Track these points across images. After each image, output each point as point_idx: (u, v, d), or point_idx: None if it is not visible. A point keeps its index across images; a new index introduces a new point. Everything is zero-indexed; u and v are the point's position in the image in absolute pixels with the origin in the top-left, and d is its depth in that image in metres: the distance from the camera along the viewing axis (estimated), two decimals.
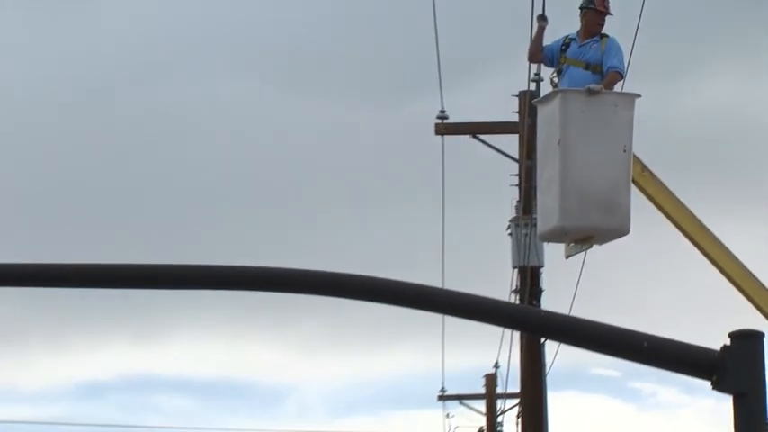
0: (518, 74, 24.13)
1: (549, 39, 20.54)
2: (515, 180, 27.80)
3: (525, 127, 25.49)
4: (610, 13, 19.96)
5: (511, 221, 27.15)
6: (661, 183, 20.76)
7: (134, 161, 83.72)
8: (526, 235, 25.68)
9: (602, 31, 19.87)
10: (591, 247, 20.64)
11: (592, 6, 19.75)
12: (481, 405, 38.28)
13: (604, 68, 19.63)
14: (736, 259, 21.12)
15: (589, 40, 19.87)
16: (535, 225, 23.54)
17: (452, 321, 24.49)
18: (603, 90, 19.42)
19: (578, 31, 20.08)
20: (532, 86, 23.01)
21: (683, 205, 20.78)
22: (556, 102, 19.84)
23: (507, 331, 26.88)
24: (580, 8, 19.92)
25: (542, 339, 24.91)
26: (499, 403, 36.23)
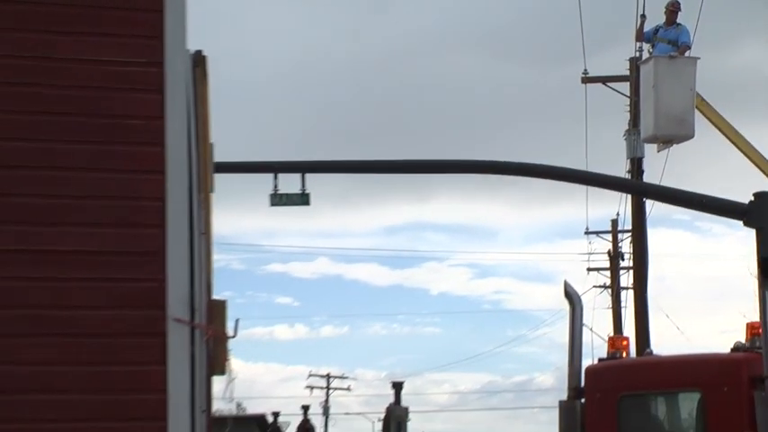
0: (630, 47, 31.40)
1: (647, 26, 28.09)
2: (628, 108, 32.93)
3: (634, 78, 31.45)
4: (680, 10, 27.29)
5: (626, 132, 31.93)
6: (712, 107, 28.03)
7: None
8: (634, 139, 30.67)
9: (677, 21, 27.33)
10: (672, 145, 28.16)
11: (671, 8, 27.24)
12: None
13: (679, 43, 27.05)
14: (759, 153, 27.46)
15: (671, 27, 27.26)
16: (639, 133, 29.73)
17: (593, 190, 30.72)
18: (679, 56, 27.01)
19: (664, 22, 27.51)
20: (638, 55, 30.10)
21: (724, 120, 28.00)
22: (651, 63, 27.33)
23: (625, 194, 33.44)
24: (665, 7, 27.49)
25: (644, 199, 30.77)
26: (619, 237, 44.40)
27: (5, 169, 8.25)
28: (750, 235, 21.22)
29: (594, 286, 45.55)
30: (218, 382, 10.83)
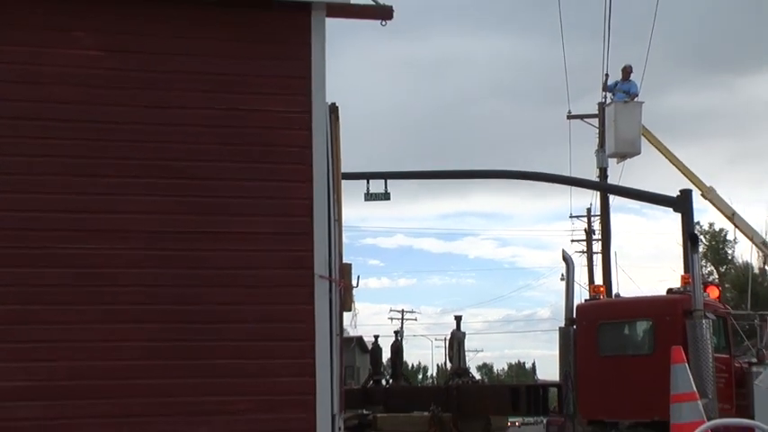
0: (598, 95, 29.75)
1: (609, 82, 26.89)
2: (597, 135, 30.65)
3: (601, 116, 29.56)
4: (632, 71, 26.33)
5: (595, 151, 29.89)
6: (652, 134, 26.59)
7: None
8: (601, 156, 28.81)
9: (630, 78, 26.28)
10: (626, 159, 26.97)
11: (626, 70, 26.24)
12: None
13: (630, 93, 26.15)
14: (683, 163, 25.81)
15: (625, 82, 26.31)
16: (604, 152, 28.25)
17: (575, 189, 31.49)
18: (630, 101, 26.01)
19: (621, 79, 26.32)
20: (603, 100, 28.88)
21: (660, 142, 26.46)
22: (612, 106, 26.57)
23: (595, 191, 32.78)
24: (622, 69, 26.38)
25: (608, 194, 29.40)
26: (592, 219, 42.81)
27: (222, 181, 8.20)
28: (677, 217, 21.82)
29: (575, 252, 45.46)
30: (346, 316, 10.74)
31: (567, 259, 18.26)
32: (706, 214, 56.78)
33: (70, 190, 7.88)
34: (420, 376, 74.33)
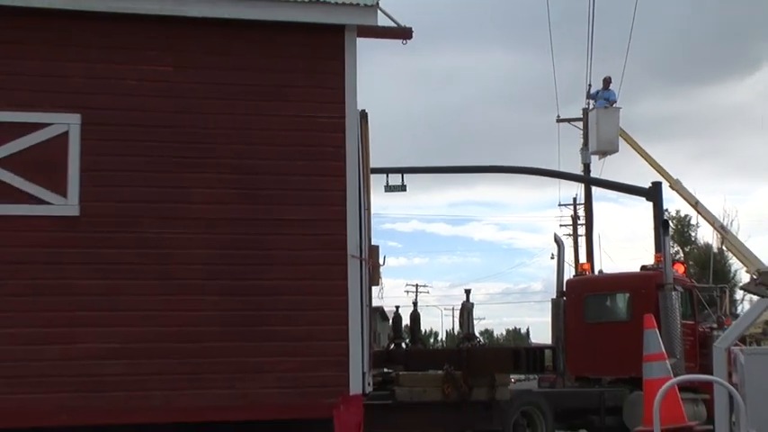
0: (582, 102, 29.32)
1: (592, 91, 26.69)
2: (582, 136, 30.28)
3: (585, 119, 29.30)
4: (611, 81, 25.96)
5: (580, 149, 29.68)
6: (628, 134, 25.89)
7: None
8: (585, 153, 28.75)
9: (610, 87, 25.97)
10: (606, 156, 26.69)
11: (606, 80, 25.91)
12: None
13: (610, 100, 25.78)
14: (654, 159, 24.89)
15: (605, 91, 25.95)
16: (588, 149, 28.02)
17: (564, 181, 30.19)
18: (610, 107, 25.70)
19: (602, 88, 25.99)
20: (587, 106, 28.41)
21: (635, 141, 25.70)
22: (594, 111, 26.22)
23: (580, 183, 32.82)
24: (603, 80, 26.01)
25: (591, 185, 29.07)
26: (578, 207, 41.60)
27: (271, 175, 8.13)
28: (650, 205, 21.71)
29: (564, 235, 45.06)
30: (374, 290, 10.65)
31: (558, 242, 18.09)
32: (673, 203, 56.22)
33: (150, 184, 7.86)
34: (432, 340, 74.25)
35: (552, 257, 29.80)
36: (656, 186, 21.76)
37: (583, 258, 32.27)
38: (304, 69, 8.23)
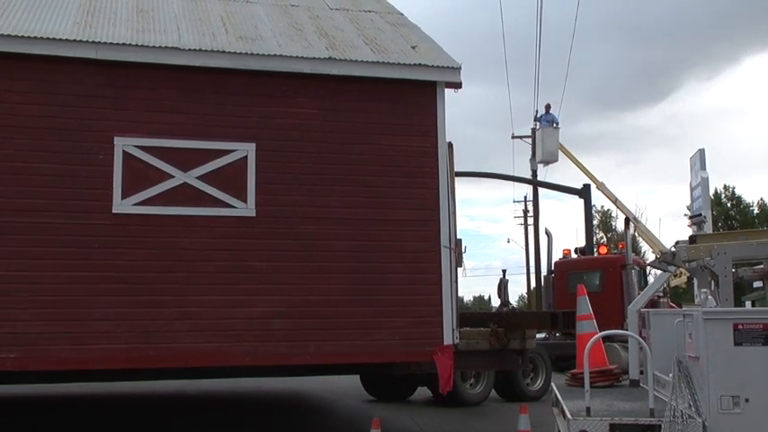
0: (530, 123, 29.97)
1: (538, 114, 27.68)
2: (531, 149, 29.16)
3: (533, 137, 28.84)
4: (551, 107, 26.88)
5: (529, 159, 28.80)
6: (566, 148, 27.31)
7: None
8: (533, 162, 28.10)
9: (550, 111, 26.98)
10: (549, 164, 27.55)
11: (547, 106, 27.20)
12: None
13: (552, 122, 26.72)
14: (587, 168, 26.93)
15: (548, 114, 26.93)
16: (535, 159, 27.74)
17: (518, 184, 33.04)
18: (551, 127, 26.70)
19: (544, 112, 27.07)
20: (535, 126, 28.71)
21: (571, 153, 27.16)
22: (540, 130, 27.06)
23: (529, 185, 33.41)
24: (545, 106, 27.13)
25: (537, 187, 28.17)
26: (528, 204, 41.96)
27: (385, 188, 8.47)
28: (581, 202, 22.44)
29: (517, 224, 46.03)
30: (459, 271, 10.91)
31: (548, 234, 18.26)
32: (599, 200, 58.08)
33: (302, 193, 8.61)
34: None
35: (508, 241, 30.07)
36: (586, 187, 22.64)
37: (532, 243, 33.04)
38: (408, 111, 8.96)
